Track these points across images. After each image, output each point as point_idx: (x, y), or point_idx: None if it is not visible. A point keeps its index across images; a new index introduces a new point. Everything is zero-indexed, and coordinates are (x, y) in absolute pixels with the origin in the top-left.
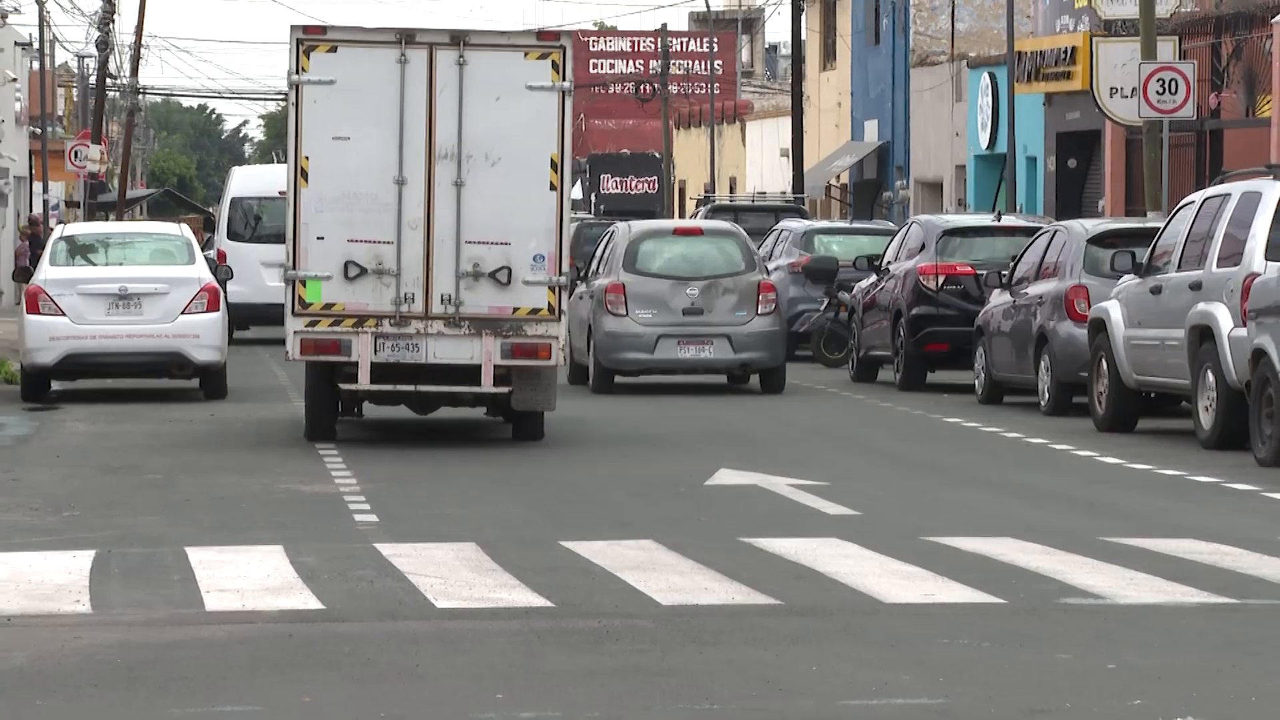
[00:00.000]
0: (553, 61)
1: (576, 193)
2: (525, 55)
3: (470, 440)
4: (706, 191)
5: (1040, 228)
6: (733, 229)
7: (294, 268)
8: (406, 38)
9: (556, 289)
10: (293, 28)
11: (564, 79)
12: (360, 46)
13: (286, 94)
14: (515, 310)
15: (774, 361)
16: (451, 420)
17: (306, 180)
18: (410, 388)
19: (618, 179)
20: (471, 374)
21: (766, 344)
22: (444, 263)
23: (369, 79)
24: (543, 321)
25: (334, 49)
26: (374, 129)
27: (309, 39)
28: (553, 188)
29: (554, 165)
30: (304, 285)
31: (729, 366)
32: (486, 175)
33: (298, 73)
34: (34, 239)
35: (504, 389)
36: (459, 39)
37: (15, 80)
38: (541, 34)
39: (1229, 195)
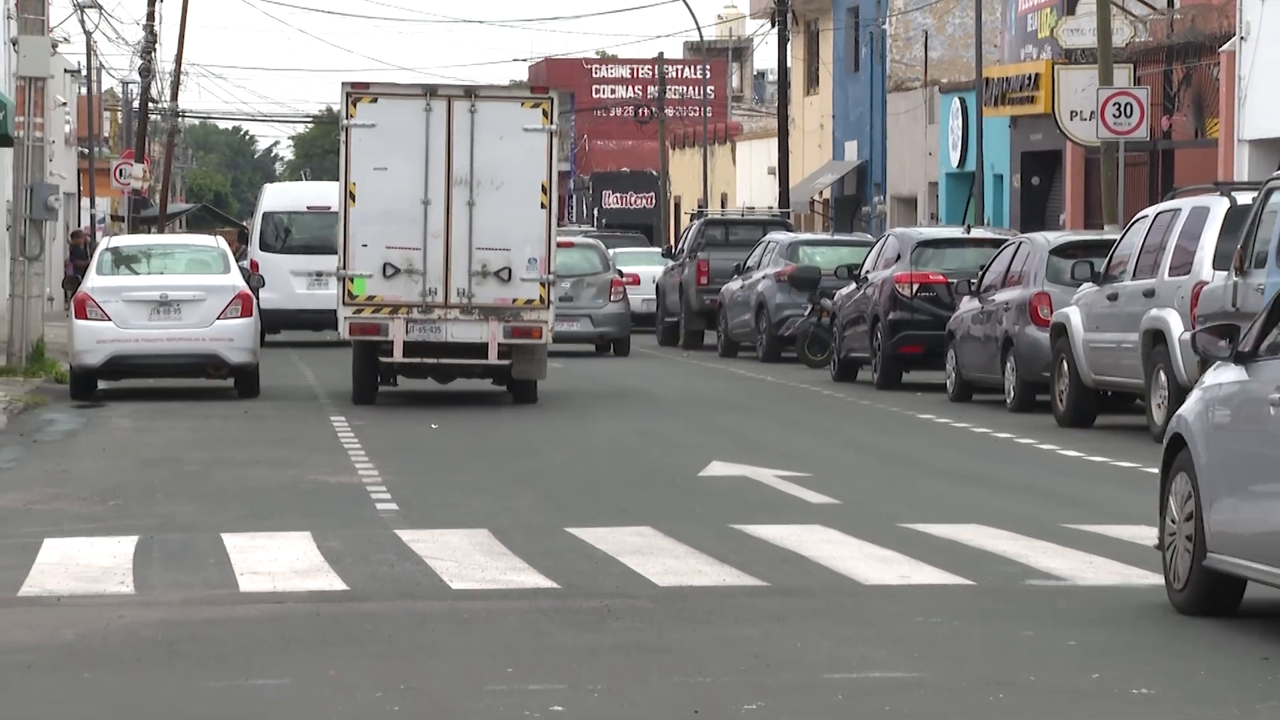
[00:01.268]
0: (543, 110)
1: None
2: (522, 105)
3: (482, 437)
4: (700, 206)
5: (1006, 240)
6: (594, 243)
7: (344, 268)
8: (431, 92)
9: (546, 284)
10: (344, 84)
11: (551, 123)
12: (395, 98)
13: (336, 133)
14: (514, 301)
15: (621, 334)
16: (465, 411)
17: (354, 201)
18: (433, 360)
19: (618, 195)
20: (480, 350)
21: (617, 322)
22: (459, 264)
23: (402, 123)
24: (535, 309)
25: (375, 100)
26: (406, 161)
27: (356, 92)
28: (543, 206)
29: (544, 189)
30: (352, 281)
31: (591, 337)
32: (492, 197)
33: (347, 118)
34: (75, 250)
35: (505, 361)
36: (471, 92)
37: (65, 104)
38: (534, 89)
39: (1179, 210)
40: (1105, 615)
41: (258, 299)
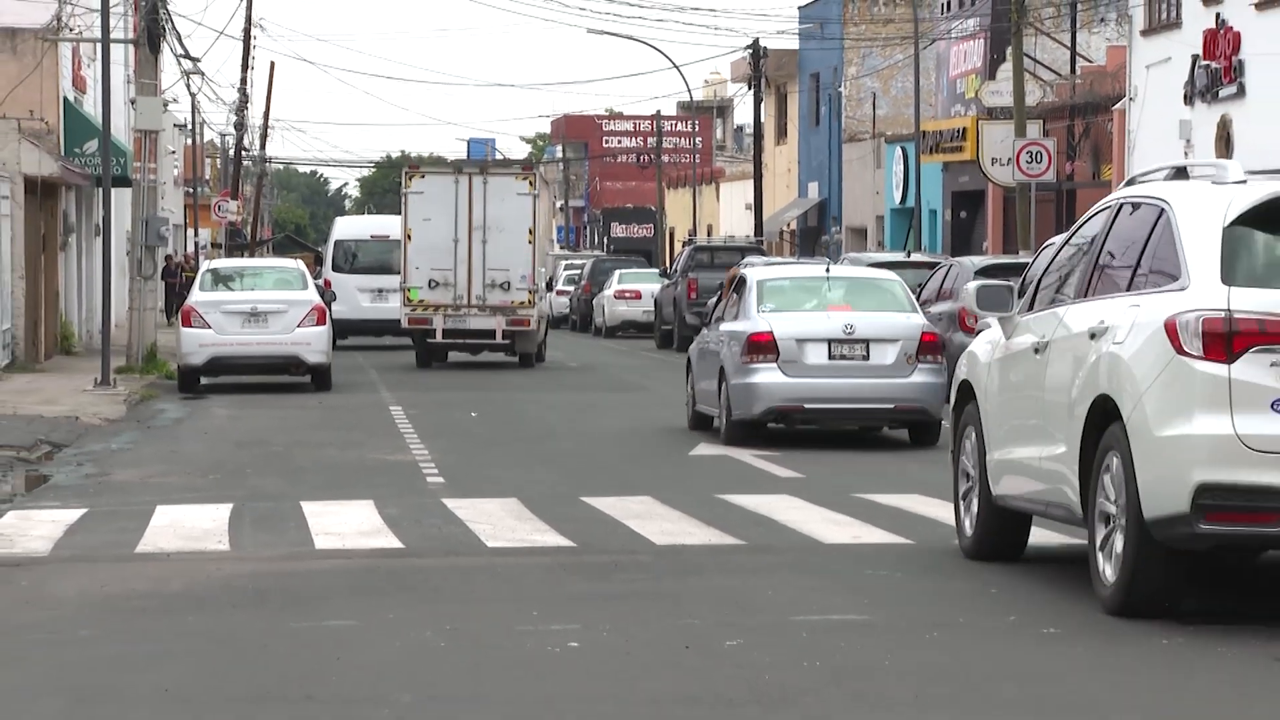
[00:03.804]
0: (529, 181)
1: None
2: (516, 177)
3: (512, 425)
4: (690, 235)
5: (939, 263)
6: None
7: (405, 282)
8: (457, 169)
9: (532, 292)
10: (405, 165)
11: (535, 189)
12: (436, 174)
13: (399, 196)
14: (512, 303)
15: None
16: (499, 404)
17: (410, 239)
18: (461, 341)
19: (624, 226)
20: (491, 334)
21: None
22: (477, 279)
23: (439, 189)
24: (525, 308)
25: (423, 175)
26: (443, 214)
27: (411, 171)
28: (529, 243)
29: (530, 232)
30: (409, 291)
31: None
32: (498, 237)
33: (405, 188)
34: (168, 270)
35: (508, 341)
36: (484, 168)
37: (174, 152)
38: (525, 167)
39: None
40: (1021, 569)
41: (330, 311)
